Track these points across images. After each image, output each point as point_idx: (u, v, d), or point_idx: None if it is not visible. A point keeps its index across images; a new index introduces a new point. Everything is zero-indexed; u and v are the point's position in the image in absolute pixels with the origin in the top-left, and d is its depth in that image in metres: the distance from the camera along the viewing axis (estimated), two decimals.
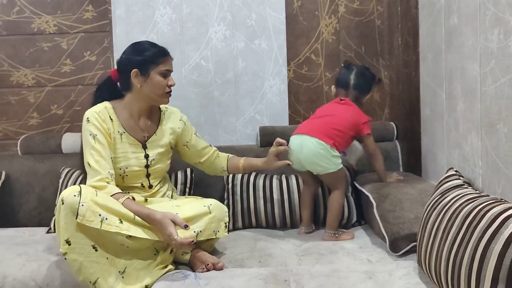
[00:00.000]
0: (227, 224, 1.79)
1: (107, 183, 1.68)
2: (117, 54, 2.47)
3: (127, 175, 1.81)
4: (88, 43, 2.59)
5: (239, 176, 2.16)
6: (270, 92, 2.52)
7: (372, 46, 2.57)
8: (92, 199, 1.51)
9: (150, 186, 1.86)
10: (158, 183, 1.90)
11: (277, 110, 2.52)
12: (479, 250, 1.08)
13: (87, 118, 1.77)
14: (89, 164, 1.70)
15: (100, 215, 1.50)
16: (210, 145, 2.03)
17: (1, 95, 2.62)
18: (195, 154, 2.00)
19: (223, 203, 1.95)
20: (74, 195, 1.49)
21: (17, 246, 1.94)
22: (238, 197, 2.12)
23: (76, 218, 1.47)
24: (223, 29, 2.49)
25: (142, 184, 1.84)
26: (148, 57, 1.78)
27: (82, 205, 1.48)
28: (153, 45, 1.82)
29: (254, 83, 2.51)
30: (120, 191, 1.69)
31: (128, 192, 1.77)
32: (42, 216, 2.33)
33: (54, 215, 2.21)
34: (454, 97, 1.74)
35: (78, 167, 2.24)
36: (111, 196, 1.64)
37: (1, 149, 2.64)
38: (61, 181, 2.26)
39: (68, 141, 2.43)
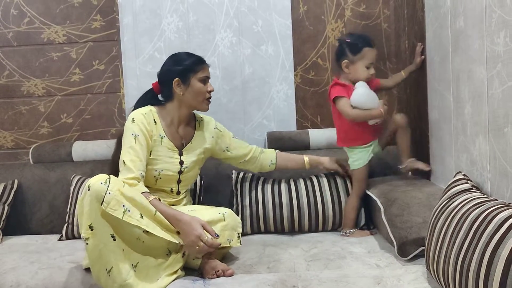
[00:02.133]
0: (240, 234, 1.81)
1: (138, 182, 1.74)
2: (125, 62, 2.51)
3: (160, 178, 1.85)
4: (97, 52, 2.63)
5: (248, 181, 2.18)
6: (277, 98, 2.53)
7: (379, 49, 2.55)
8: (119, 189, 1.55)
9: (178, 193, 1.92)
10: (185, 191, 1.96)
11: (284, 115, 2.53)
12: (486, 255, 1.08)
13: (133, 118, 1.82)
14: (124, 162, 1.75)
15: (124, 206, 1.53)
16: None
17: (13, 105, 2.67)
18: (238, 155, 2.09)
19: (232, 209, 2.00)
20: (101, 183, 1.53)
21: (30, 254, 1.97)
22: (247, 202, 2.13)
23: (101, 205, 1.50)
24: (230, 36, 2.50)
25: (171, 189, 1.90)
26: (188, 65, 1.86)
27: (109, 193, 1.51)
28: (190, 54, 1.91)
29: (261, 89, 2.52)
30: (148, 191, 1.74)
31: (156, 195, 1.81)
32: (54, 224, 2.35)
33: (65, 223, 2.24)
34: (461, 100, 1.73)
35: (89, 175, 2.28)
36: (142, 193, 1.68)
37: (13, 158, 2.68)
38: (72, 188, 2.29)
39: (78, 149, 2.46)
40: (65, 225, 2.23)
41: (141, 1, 2.50)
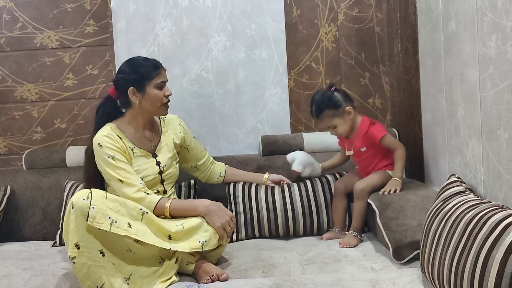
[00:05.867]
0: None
1: (145, 193, 1.76)
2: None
3: (145, 184, 1.85)
4: (90, 57, 2.62)
5: (241, 187, 2.17)
6: (271, 101, 2.53)
7: (372, 53, 2.57)
8: (102, 201, 1.55)
9: (165, 192, 1.93)
10: (171, 188, 1.98)
11: (278, 119, 2.53)
12: (480, 258, 1.08)
13: (98, 143, 1.81)
14: (121, 181, 1.77)
15: (110, 217, 1.53)
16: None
17: (5, 111, 2.65)
18: (194, 157, 2.11)
19: None
20: (84, 199, 1.53)
21: (23, 260, 1.95)
22: (240, 208, 2.12)
23: (87, 220, 1.50)
24: (223, 40, 2.50)
25: (158, 190, 1.91)
26: (142, 73, 1.84)
27: (93, 207, 1.51)
28: (145, 59, 1.89)
29: (255, 93, 2.52)
30: (160, 196, 1.79)
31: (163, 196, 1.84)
32: (47, 230, 2.33)
33: (59, 229, 2.22)
34: (454, 103, 1.74)
35: (82, 178, 2.26)
36: (156, 203, 1.74)
37: (6, 164, 2.66)
38: (65, 194, 2.27)
39: (72, 154, 2.45)
40: (59, 232, 2.21)
41: (134, 6, 2.50)
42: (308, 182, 2.16)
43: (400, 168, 1.98)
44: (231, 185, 2.19)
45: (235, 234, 2.09)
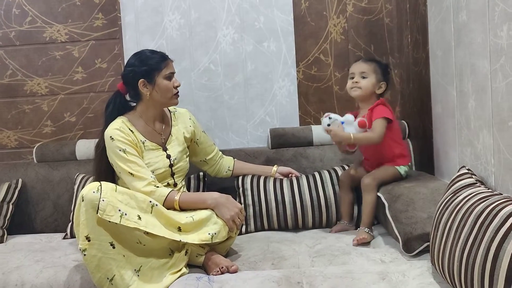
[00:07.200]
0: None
1: (155, 186, 1.78)
2: None
3: (156, 177, 1.86)
4: (99, 50, 2.63)
5: (249, 179, 2.17)
6: (280, 94, 2.52)
7: (381, 44, 2.55)
8: (112, 194, 1.56)
9: (175, 184, 1.94)
10: (181, 181, 1.99)
11: (287, 111, 2.53)
12: (491, 250, 1.07)
13: (110, 136, 1.82)
14: (131, 174, 1.77)
15: (120, 210, 1.54)
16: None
17: (16, 104, 2.67)
18: (203, 151, 2.12)
19: None
20: (93, 191, 1.54)
21: (35, 252, 1.97)
22: (249, 201, 2.13)
23: (97, 213, 1.51)
24: (232, 33, 2.50)
25: (168, 183, 1.92)
26: (151, 65, 1.85)
27: (103, 200, 1.53)
28: (153, 52, 1.90)
29: (263, 86, 2.52)
30: (170, 189, 1.80)
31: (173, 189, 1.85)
32: (58, 223, 2.36)
33: (70, 221, 2.25)
34: (465, 94, 1.72)
35: (92, 173, 2.28)
36: (165, 196, 1.75)
37: (17, 158, 2.69)
38: (75, 187, 2.29)
39: (82, 147, 2.47)
40: (69, 224, 2.24)
41: None
42: (317, 174, 2.16)
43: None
44: (240, 177, 2.20)
45: (244, 227, 2.10)
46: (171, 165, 1.92)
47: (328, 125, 1.89)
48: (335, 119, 1.90)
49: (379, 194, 1.92)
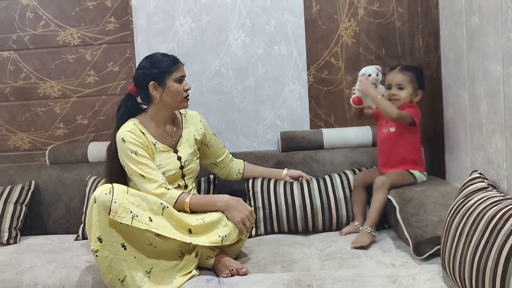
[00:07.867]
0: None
1: (166, 188, 1.79)
2: None
3: (167, 179, 1.88)
4: (111, 54, 2.66)
5: (260, 182, 2.17)
6: (291, 97, 2.53)
7: (392, 48, 2.55)
8: (124, 196, 1.57)
9: (186, 186, 1.95)
10: (192, 183, 2.00)
11: (297, 115, 2.53)
12: (503, 254, 1.07)
13: (122, 138, 1.83)
14: (143, 176, 1.79)
15: (131, 212, 1.56)
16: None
17: (29, 107, 2.71)
18: (213, 154, 2.13)
19: None
20: (106, 193, 1.56)
21: (47, 253, 2.00)
22: (260, 204, 2.13)
23: (109, 215, 1.53)
24: (243, 36, 2.51)
25: (178, 185, 1.93)
26: (162, 67, 1.87)
27: (115, 201, 1.54)
28: (164, 55, 1.92)
29: (274, 89, 2.52)
30: (181, 192, 1.81)
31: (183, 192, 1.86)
32: (70, 224, 2.38)
33: (81, 223, 2.27)
34: (477, 98, 1.71)
35: (104, 175, 2.30)
36: (176, 198, 1.76)
37: (30, 160, 2.73)
38: (87, 189, 2.31)
39: (94, 150, 2.49)
40: (81, 225, 2.26)
41: (154, 3, 2.52)
42: (327, 178, 2.16)
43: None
44: (250, 180, 2.20)
45: (254, 229, 2.10)
46: (181, 167, 1.93)
47: (370, 75, 2.03)
48: (374, 77, 2.03)
49: (390, 196, 1.92)
